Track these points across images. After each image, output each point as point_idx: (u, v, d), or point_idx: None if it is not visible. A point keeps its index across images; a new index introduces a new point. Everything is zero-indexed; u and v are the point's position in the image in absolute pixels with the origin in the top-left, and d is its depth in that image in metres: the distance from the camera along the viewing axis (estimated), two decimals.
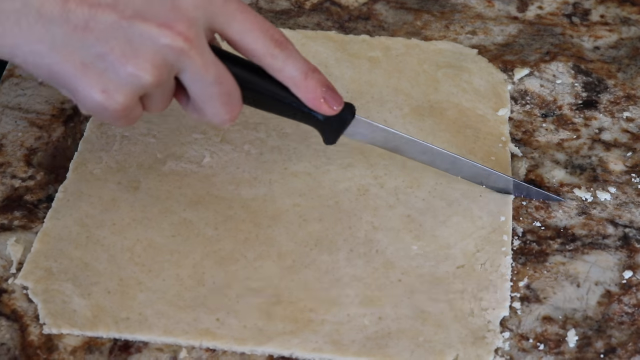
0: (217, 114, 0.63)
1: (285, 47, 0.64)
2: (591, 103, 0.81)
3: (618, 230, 0.71)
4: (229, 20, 0.62)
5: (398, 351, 0.63)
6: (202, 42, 0.60)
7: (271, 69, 0.64)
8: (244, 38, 0.63)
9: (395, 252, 0.69)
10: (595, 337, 0.65)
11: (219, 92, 0.62)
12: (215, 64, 0.61)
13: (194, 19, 0.59)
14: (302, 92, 0.65)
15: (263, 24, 0.63)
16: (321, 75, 0.66)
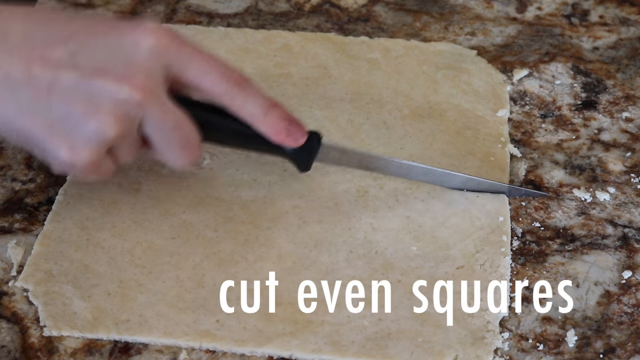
0: (177, 159, 0.66)
1: (244, 86, 0.65)
2: (590, 103, 0.81)
3: (617, 231, 0.72)
4: (186, 65, 0.63)
5: (398, 352, 0.63)
6: (159, 92, 0.62)
7: (232, 108, 0.66)
8: (202, 81, 0.64)
9: (395, 253, 0.69)
10: (594, 337, 0.65)
11: (178, 138, 0.64)
12: (174, 112, 0.63)
13: (150, 70, 0.61)
14: (264, 128, 0.67)
15: (219, 65, 0.65)
16: (282, 110, 0.67)
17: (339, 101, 0.80)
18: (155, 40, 0.62)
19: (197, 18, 0.90)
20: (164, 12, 0.90)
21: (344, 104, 0.80)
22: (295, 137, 0.68)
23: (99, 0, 0.91)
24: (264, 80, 0.82)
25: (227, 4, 0.91)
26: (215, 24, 0.89)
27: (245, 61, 0.84)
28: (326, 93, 0.81)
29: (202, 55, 0.64)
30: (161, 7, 0.91)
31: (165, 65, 0.62)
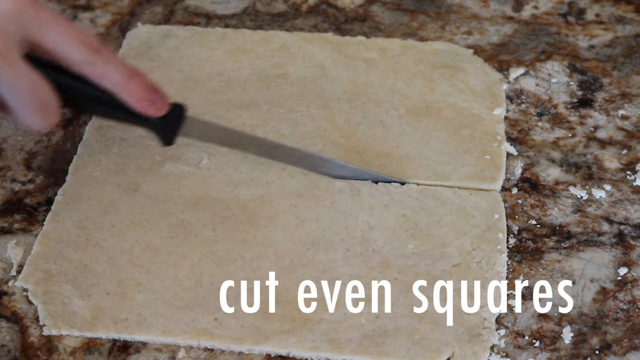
0: (33, 122, 0.64)
1: (103, 53, 0.64)
2: (586, 101, 0.81)
3: (613, 228, 0.72)
4: (43, 30, 0.62)
5: (395, 349, 0.64)
6: (12, 54, 0.61)
7: (92, 76, 0.64)
8: (59, 47, 0.63)
9: (392, 251, 0.69)
10: (590, 334, 0.65)
11: (34, 101, 0.63)
12: (29, 74, 0.62)
13: (3, 32, 0.60)
14: (126, 95, 0.65)
15: (78, 32, 0.63)
16: (143, 78, 0.66)
17: (336, 101, 0.80)
18: (12, 3, 0.60)
19: (195, 19, 0.90)
20: (162, 13, 0.91)
21: (341, 104, 0.80)
22: (158, 106, 0.66)
23: (98, 2, 0.92)
24: (262, 80, 0.82)
25: (225, 5, 0.91)
26: (213, 24, 0.89)
27: (243, 61, 0.84)
28: (323, 93, 0.81)
29: (60, 21, 0.63)
30: (159, 8, 0.91)
31: (21, 29, 0.61)
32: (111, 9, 0.91)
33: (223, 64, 0.84)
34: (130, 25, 0.89)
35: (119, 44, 0.87)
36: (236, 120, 0.79)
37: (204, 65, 0.84)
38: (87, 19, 0.90)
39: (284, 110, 0.79)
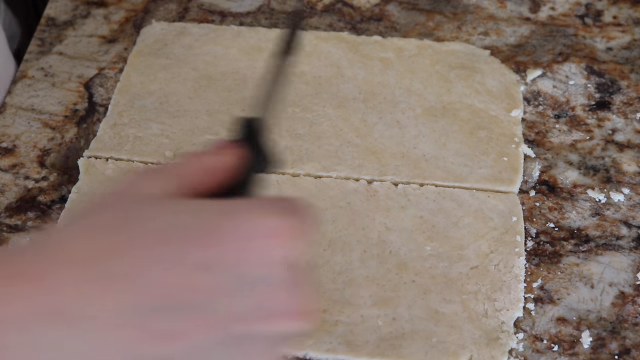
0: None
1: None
2: (604, 104, 0.81)
3: (632, 231, 0.71)
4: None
5: (412, 352, 0.63)
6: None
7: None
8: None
9: (409, 253, 0.69)
10: (609, 338, 0.65)
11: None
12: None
13: (300, 275, 0.46)
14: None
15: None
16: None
17: (352, 100, 0.80)
18: (277, 243, 0.44)
19: (209, 17, 0.89)
20: (176, 10, 0.90)
21: (357, 103, 0.79)
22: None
23: None
24: None
25: (240, 2, 0.91)
26: (227, 22, 0.89)
27: (258, 60, 0.83)
28: (339, 92, 0.80)
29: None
30: (174, 5, 0.90)
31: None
32: (125, 5, 0.91)
33: (238, 62, 0.83)
34: (144, 22, 0.89)
35: (133, 41, 0.87)
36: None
37: (218, 63, 0.83)
38: (100, 15, 0.90)
39: (300, 109, 0.79)
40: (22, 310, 0.40)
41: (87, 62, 0.85)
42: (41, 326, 0.41)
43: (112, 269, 0.42)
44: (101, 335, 0.41)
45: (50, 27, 0.89)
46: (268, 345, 0.44)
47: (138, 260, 0.42)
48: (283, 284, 0.44)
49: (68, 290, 0.41)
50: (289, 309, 0.44)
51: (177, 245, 0.43)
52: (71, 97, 0.82)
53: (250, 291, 0.43)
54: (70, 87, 0.83)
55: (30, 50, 0.86)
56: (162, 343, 0.42)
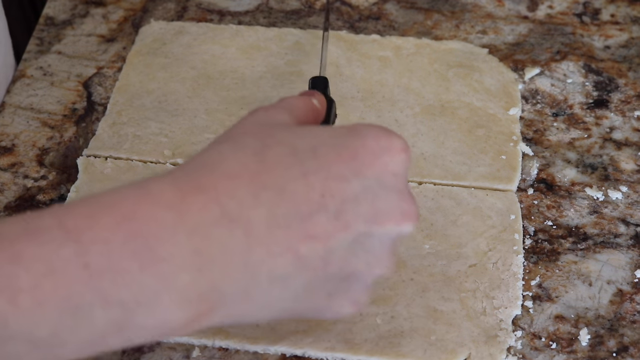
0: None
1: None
2: (602, 102, 0.81)
3: (630, 229, 0.71)
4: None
5: (410, 350, 0.63)
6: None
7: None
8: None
9: (407, 251, 0.69)
10: (607, 336, 0.65)
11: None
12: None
13: (409, 187, 0.56)
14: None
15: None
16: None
17: (351, 99, 0.80)
18: (403, 158, 0.54)
19: (208, 16, 0.90)
20: (174, 9, 0.90)
21: (356, 102, 0.80)
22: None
23: None
24: (276, 78, 0.82)
25: (238, 1, 0.91)
26: (226, 21, 0.89)
27: (256, 59, 0.84)
28: (338, 91, 0.80)
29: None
30: (172, 4, 0.91)
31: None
32: (124, 4, 0.91)
33: (236, 61, 0.84)
34: (142, 22, 0.89)
35: (131, 40, 0.87)
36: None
37: (217, 62, 0.84)
38: (99, 14, 0.90)
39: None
40: (197, 217, 0.47)
41: (86, 61, 0.85)
42: (210, 229, 0.47)
43: (265, 181, 0.49)
44: (257, 236, 0.48)
45: (49, 27, 0.89)
46: (385, 244, 0.53)
47: (286, 173, 0.50)
48: (395, 191, 0.53)
49: (228, 200, 0.48)
50: (398, 210, 0.53)
51: (319, 158, 0.51)
52: (70, 96, 0.82)
53: (373, 197, 0.52)
54: (69, 86, 0.83)
55: (29, 50, 0.87)
56: (314, 242, 0.50)
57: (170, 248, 0.46)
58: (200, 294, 0.47)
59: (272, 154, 0.51)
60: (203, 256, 0.47)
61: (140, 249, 0.45)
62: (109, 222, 0.46)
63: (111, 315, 0.45)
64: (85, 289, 0.44)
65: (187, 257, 0.46)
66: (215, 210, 0.48)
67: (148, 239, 0.46)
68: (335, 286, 0.53)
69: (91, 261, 0.44)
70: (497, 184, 0.74)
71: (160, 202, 0.47)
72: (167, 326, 0.47)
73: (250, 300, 0.50)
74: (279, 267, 0.50)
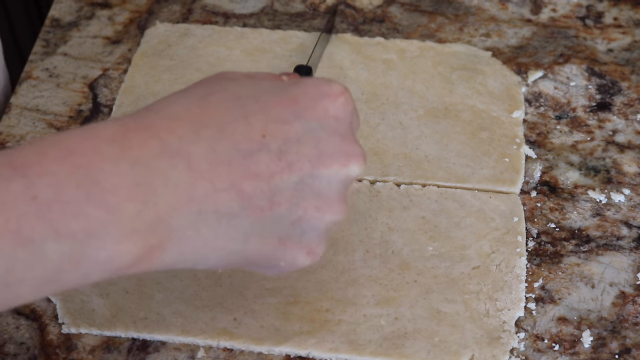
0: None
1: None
2: (605, 105, 0.81)
3: (632, 232, 0.72)
4: (356, 118, 0.59)
5: (414, 351, 0.64)
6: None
7: None
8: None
9: (411, 253, 0.69)
10: (610, 338, 0.65)
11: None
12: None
13: (352, 130, 0.57)
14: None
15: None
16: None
17: (355, 101, 0.80)
18: (343, 101, 0.56)
19: (213, 18, 0.90)
20: (180, 11, 0.91)
21: (360, 104, 0.80)
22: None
23: (116, 0, 0.92)
24: None
25: (243, 4, 0.91)
26: (231, 24, 0.89)
27: (261, 61, 0.84)
28: None
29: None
30: (177, 6, 0.91)
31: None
32: (129, 6, 0.91)
33: (241, 64, 0.84)
34: (148, 24, 0.89)
35: (137, 42, 0.87)
36: None
37: (222, 64, 0.84)
38: (105, 16, 0.90)
39: None
40: (138, 151, 0.49)
41: (92, 63, 0.86)
42: (152, 161, 0.49)
43: (205, 121, 0.51)
44: (199, 170, 0.50)
45: (54, 28, 0.89)
46: (334, 187, 0.54)
47: (227, 114, 0.52)
48: (337, 133, 0.54)
49: (169, 136, 0.50)
50: (343, 151, 0.54)
51: (260, 103, 0.52)
52: (76, 97, 0.82)
53: (316, 139, 0.53)
54: (74, 88, 0.83)
55: (35, 51, 0.87)
56: (258, 180, 0.51)
57: (113, 179, 0.47)
58: (148, 225, 0.48)
59: (215, 99, 0.53)
60: (146, 188, 0.48)
61: (85, 180, 0.47)
62: (56, 157, 0.47)
63: (63, 248, 0.46)
64: (35, 221, 0.45)
65: (130, 188, 0.48)
66: (156, 144, 0.49)
67: (92, 171, 0.47)
68: (286, 230, 0.53)
69: (39, 193, 0.46)
70: (500, 187, 0.74)
71: (104, 137, 0.49)
72: (120, 259, 0.48)
73: (199, 236, 0.51)
74: (224, 203, 0.51)
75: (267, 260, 0.55)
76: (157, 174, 0.49)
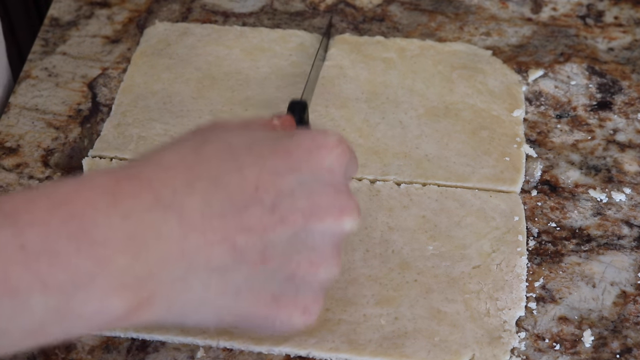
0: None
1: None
2: (605, 104, 0.81)
3: (633, 231, 0.72)
4: (353, 166, 0.58)
5: (414, 351, 0.63)
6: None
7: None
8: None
9: (411, 252, 0.69)
10: (611, 338, 0.65)
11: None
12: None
13: (347, 183, 0.55)
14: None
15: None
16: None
17: (355, 101, 0.80)
18: (338, 153, 0.54)
19: (212, 17, 0.90)
20: (179, 10, 0.90)
21: (360, 104, 0.80)
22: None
23: None
24: (280, 79, 0.82)
25: (243, 3, 0.91)
26: (230, 23, 0.89)
27: (260, 60, 0.84)
28: (342, 92, 0.81)
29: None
30: (176, 5, 0.91)
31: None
32: (128, 6, 0.91)
33: (241, 62, 0.84)
34: (147, 23, 0.89)
35: (136, 41, 0.87)
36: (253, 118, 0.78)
37: (221, 63, 0.84)
38: (104, 15, 0.90)
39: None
40: (130, 203, 0.48)
41: (91, 62, 0.85)
42: (144, 214, 0.48)
43: (199, 172, 0.50)
44: (192, 223, 0.49)
45: (53, 28, 0.89)
46: (328, 242, 0.53)
47: (221, 165, 0.51)
48: (331, 186, 0.53)
49: (162, 188, 0.49)
50: (336, 205, 0.52)
51: (254, 154, 0.52)
52: (75, 97, 0.82)
53: (310, 192, 0.52)
54: (74, 87, 0.83)
55: (34, 51, 0.87)
56: (250, 234, 0.50)
57: (104, 231, 0.47)
58: (138, 279, 0.47)
59: (209, 149, 0.52)
60: (138, 241, 0.47)
61: (75, 231, 0.46)
62: (46, 205, 0.46)
63: (50, 301, 0.45)
64: (22, 271, 0.45)
65: (121, 241, 0.47)
66: (149, 196, 0.48)
67: (83, 222, 0.46)
68: (279, 287, 0.52)
69: (27, 242, 0.45)
70: (500, 186, 0.74)
71: (96, 187, 0.48)
72: (107, 314, 0.47)
73: (190, 290, 0.50)
74: (216, 257, 0.49)
75: (261, 319, 0.53)
76: (149, 227, 0.48)
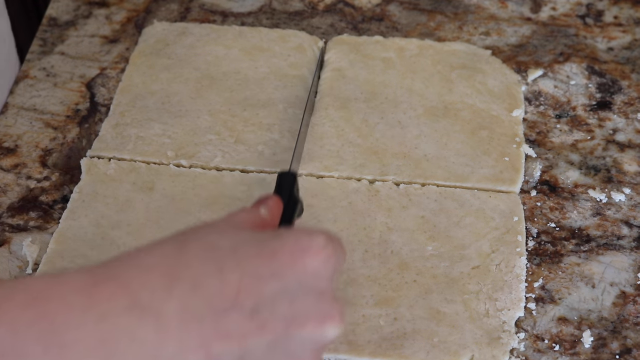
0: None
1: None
2: (605, 104, 0.81)
3: (633, 231, 0.71)
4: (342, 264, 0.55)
5: (414, 351, 0.63)
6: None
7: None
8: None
9: (410, 252, 0.69)
10: (610, 338, 0.65)
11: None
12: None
13: (332, 287, 0.52)
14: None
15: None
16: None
17: (354, 101, 0.80)
18: (323, 257, 0.51)
19: (211, 17, 0.90)
20: (177, 10, 0.90)
21: (359, 104, 0.80)
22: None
23: None
24: (279, 79, 0.82)
25: (241, 2, 0.91)
26: (229, 22, 0.89)
27: (259, 60, 0.84)
28: (341, 93, 0.80)
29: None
30: (175, 5, 0.91)
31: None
32: (127, 5, 0.91)
33: (239, 62, 0.84)
34: (146, 22, 0.89)
35: (134, 41, 0.87)
36: (253, 119, 0.78)
37: (220, 63, 0.84)
38: (102, 15, 0.90)
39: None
40: (106, 305, 0.46)
41: (89, 62, 0.85)
42: (119, 317, 0.46)
43: (179, 274, 0.48)
44: (168, 329, 0.47)
45: (52, 27, 0.89)
46: (307, 349, 0.50)
47: (202, 267, 0.49)
48: (315, 292, 0.50)
49: (140, 289, 0.47)
50: (318, 312, 0.50)
51: (237, 256, 0.49)
52: (73, 97, 0.82)
53: (292, 298, 0.49)
54: (72, 87, 0.83)
55: (32, 50, 0.87)
56: (228, 342, 0.48)
57: (76, 334, 0.45)
58: None
59: (191, 249, 0.50)
60: (110, 345, 0.46)
61: (45, 332, 0.45)
62: (20, 302, 0.45)
63: None
64: None
65: (92, 345, 0.45)
66: (125, 298, 0.47)
67: (54, 322, 0.45)
68: None
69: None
70: (500, 186, 0.74)
71: (72, 286, 0.47)
72: None
73: None
74: None
75: None
76: (124, 331, 0.46)
